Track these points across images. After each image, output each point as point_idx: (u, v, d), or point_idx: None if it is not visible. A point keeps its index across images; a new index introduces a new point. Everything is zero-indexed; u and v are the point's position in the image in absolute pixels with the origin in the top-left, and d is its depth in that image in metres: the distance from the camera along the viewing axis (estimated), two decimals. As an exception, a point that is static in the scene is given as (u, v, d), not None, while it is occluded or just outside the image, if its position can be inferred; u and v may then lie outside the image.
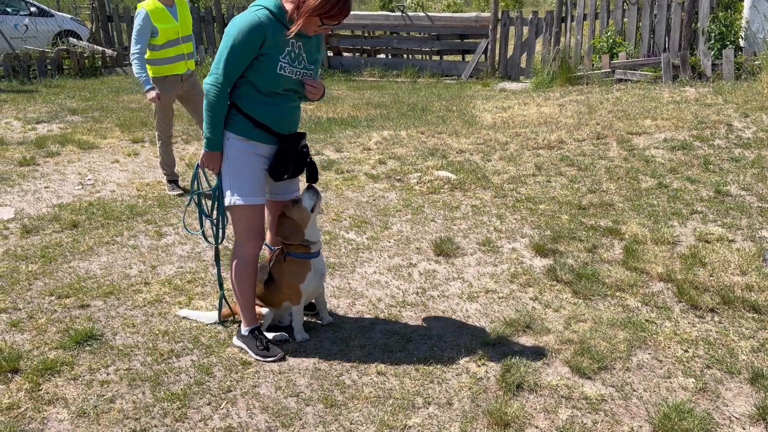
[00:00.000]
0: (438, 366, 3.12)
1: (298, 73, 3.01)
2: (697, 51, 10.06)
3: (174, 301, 3.81)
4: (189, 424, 2.74)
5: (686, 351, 3.22)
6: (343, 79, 12.83)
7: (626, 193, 5.64)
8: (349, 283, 4.05)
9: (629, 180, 5.99)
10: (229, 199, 3.05)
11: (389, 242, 4.74)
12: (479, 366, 3.11)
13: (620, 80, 10.58)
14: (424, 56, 13.93)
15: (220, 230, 3.30)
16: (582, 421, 2.69)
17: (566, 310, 3.65)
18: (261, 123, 2.99)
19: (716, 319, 3.54)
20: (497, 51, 12.72)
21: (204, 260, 4.41)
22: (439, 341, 3.35)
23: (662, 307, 3.67)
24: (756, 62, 9.39)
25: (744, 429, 2.65)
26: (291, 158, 3.10)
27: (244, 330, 3.23)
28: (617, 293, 3.84)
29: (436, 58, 13.80)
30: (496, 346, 3.29)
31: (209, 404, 2.86)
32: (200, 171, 3.28)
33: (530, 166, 6.54)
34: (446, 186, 6.02)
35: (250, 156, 3.03)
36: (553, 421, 2.69)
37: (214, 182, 3.27)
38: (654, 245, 4.51)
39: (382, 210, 5.42)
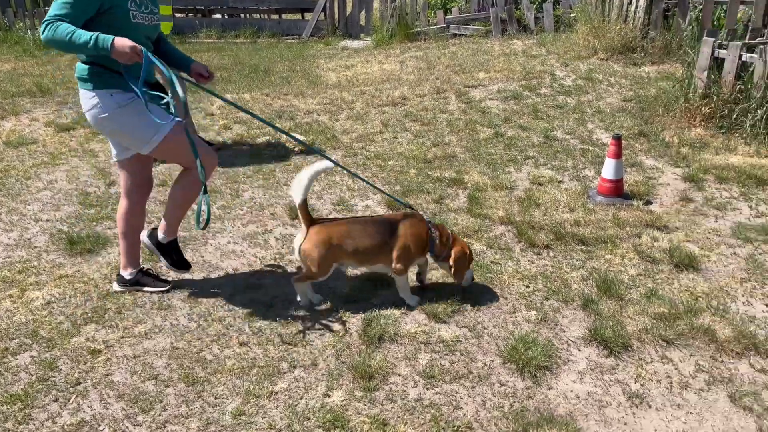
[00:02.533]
0: (301, 329, 3.12)
1: (148, 18, 2.97)
2: (522, 5, 10.68)
3: (4, 295, 3.45)
4: (34, 425, 2.52)
5: (527, 286, 3.49)
6: (178, 41, 12.10)
7: (467, 144, 5.93)
8: (203, 256, 3.91)
9: (469, 131, 6.30)
10: (155, 139, 3.00)
11: (242, 210, 4.62)
12: (341, 324, 3.16)
13: (455, 35, 10.99)
14: (262, 15, 13.51)
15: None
16: (440, 363, 2.85)
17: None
18: (126, 70, 2.88)
19: (551, 254, 3.87)
20: (336, 9, 12.63)
21: (35, 246, 4.02)
22: (300, 305, 3.35)
23: (504, 248, 3.94)
24: (572, 15, 10.18)
25: (580, 350, 2.95)
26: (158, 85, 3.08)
27: (129, 275, 3.41)
28: (465, 239, 4.06)
29: (275, 17, 13.44)
30: (357, 302, 3.35)
31: (56, 401, 2.65)
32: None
33: (377, 124, 6.65)
34: (296, 148, 5.96)
35: (136, 101, 2.92)
36: (414, 367, 2.82)
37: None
38: (494, 191, 4.81)
39: (231, 177, 5.25)
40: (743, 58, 5.82)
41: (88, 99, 2.96)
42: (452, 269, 3.30)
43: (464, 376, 2.76)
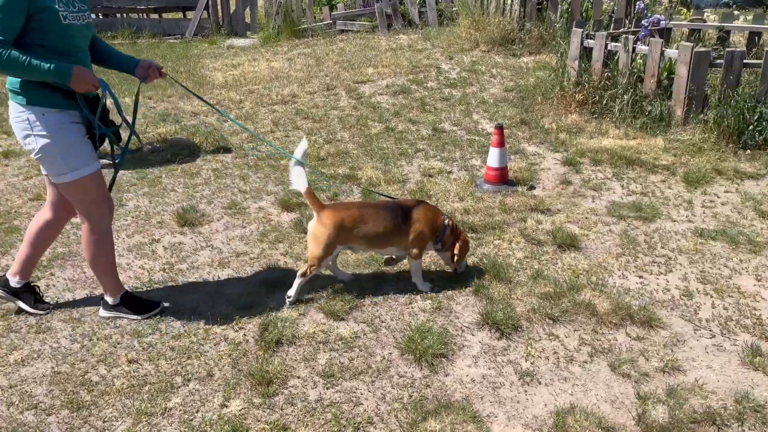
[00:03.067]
0: (195, 340, 3.02)
1: (79, 17, 2.81)
2: (405, 0, 10.85)
3: None
4: None
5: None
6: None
7: (359, 140, 5.96)
8: (85, 272, 3.68)
9: (360, 127, 6.33)
10: (68, 176, 2.84)
11: (126, 220, 4.40)
12: (237, 331, 3.09)
13: (342, 31, 11.01)
14: (140, 15, 12.90)
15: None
16: (340, 361, 2.85)
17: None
18: (67, 89, 2.76)
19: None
20: (219, 7, 12.29)
21: None
22: (193, 314, 3.24)
23: (399, 241, 4.00)
24: (454, 8, 10.47)
25: (473, 335, 3.05)
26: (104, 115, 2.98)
27: (114, 300, 3.18)
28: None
29: (154, 16, 12.88)
30: (252, 307, 3.29)
31: None
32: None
33: (267, 123, 6.54)
34: (184, 151, 5.75)
35: (71, 125, 2.82)
36: (313, 368, 2.80)
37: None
38: (387, 185, 4.86)
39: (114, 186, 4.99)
40: (609, 48, 6.22)
41: (18, 112, 2.79)
42: (456, 257, 3.44)
43: (364, 371, 2.78)
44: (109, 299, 3.19)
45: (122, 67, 3.12)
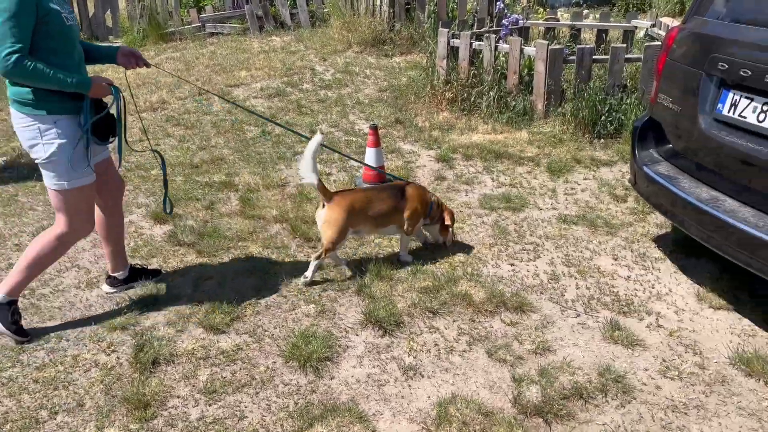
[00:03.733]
0: (62, 369, 2.82)
1: (72, 18, 2.88)
2: (276, 2, 10.73)
3: None
4: None
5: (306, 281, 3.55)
6: None
7: (235, 145, 5.82)
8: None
9: (235, 132, 6.19)
10: (70, 183, 2.88)
11: (-23, 245, 4.02)
12: (109, 354, 2.92)
13: (212, 34, 10.69)
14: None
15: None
16: (222, 375, 2.78)
17: (194, 272, 3.65)
18: (73, 92, 2.80)
19: (325, 246, 3.98)
20: (77, 10, 11.52)
21: None
22: (59, 341, 3.02)
23: (281, 246, 3.96)
24: (325, 10, 10.49)
25: (357, 335, 3.08)
26: (110, 115, 3.00)
27: (3, 297, 2.99)
28: (240, 243, 3.99)
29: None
30: (125, 328, 3.12)
31: None
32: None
33: (135, 132, 6.22)
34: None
35: (74, 131, 2.86)
36: (194, 385, 2.71)
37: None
38: (266, 191, 4.79)
39: None
40: (473, 46, 6.50)
41: (27, 122, 2.80)
42: (447, 229, 3.82)
43: (247, 383, 2.72)
44: (1, 295, 3.00)
45: (105, 59, 3.18)
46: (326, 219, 3.42)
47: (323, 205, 3.46)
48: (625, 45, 6.10)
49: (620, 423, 2.50)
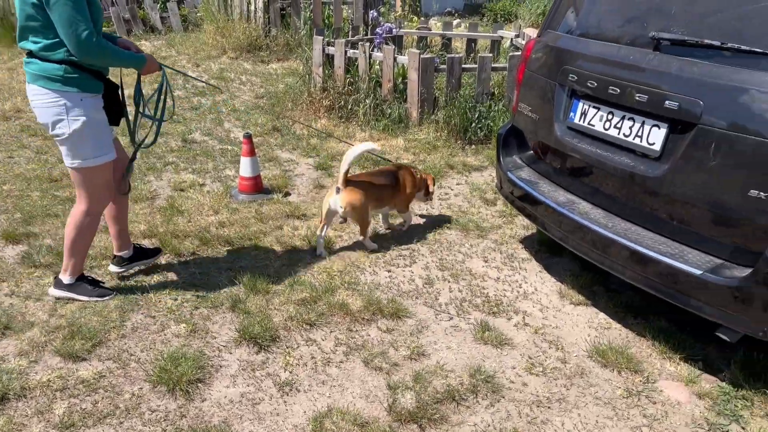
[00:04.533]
0: None
1: None
2: (145, 4, 10.25)
3: None
4: None
5: (175, 300, 3.39)
6: None
7: (99, 157, 5.48)
8: None
9: (100, 142, 5.83)
10: (92, 161, 3.01)
11: None
12: (-52, 394, 2.63)
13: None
14: None
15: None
16: (81, 407, 2.58)
17: (49, 301, 3.38)
18: (97, 71, 2.95)
19: (198, 261, 3.83)
20: None
21: None
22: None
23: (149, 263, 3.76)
24: (198, 14, 10.16)
25: (231, 353, 2.98)
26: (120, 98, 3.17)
27: (69, 280, 3.26)
28: (104, 262, 3.74)
29: None
30: (-31, 362, 2.83)
31: None
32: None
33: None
34: None
35: (98, 110, 2.99)
36: (49, 420, 2.50)
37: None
38: (134, 204, 4.54)
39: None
40: (349, 54, 6.55)
41: (51, 98, 2.87)
42: (429, 195, 4.35)
43: (110, 413, 2.55)
44: (66, 278, 3.26)
45: None
46: (350, 204, 3.79)
47: (338, 190, 3.80)
48: (492, 54, 6.39)
49: (490, 422, 2.60)
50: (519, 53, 6.25)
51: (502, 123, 5.93)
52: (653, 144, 2.87)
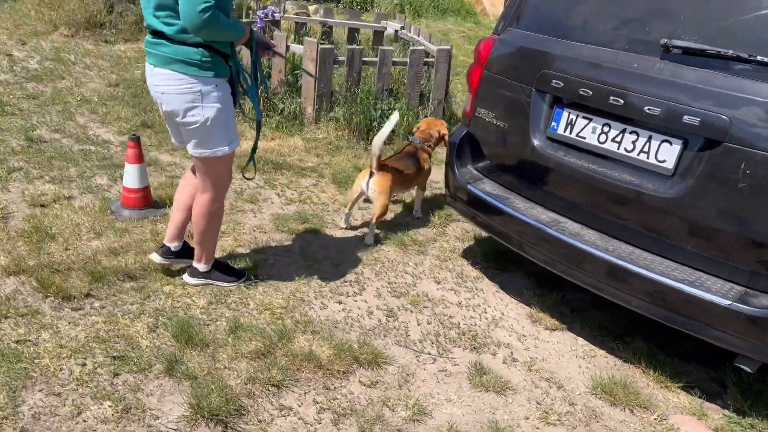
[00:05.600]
0: None
1: None
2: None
3: None
4: None
5: (84, 364, 2.54)
6: None
7: None
8: None
9: None
10: (222, 150, 2.83)
11: None
12: None
13: None
14: None
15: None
16: None
17: None
18: (226, 54, 2.72)
19: (97, 305, 2.95)
20: None
21: None
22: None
23: (31, 312, 2.82)
24: (15, -20, 8.48)
25: (187, 438, 2.26)
26: None
27: (205, 267, 3.17)
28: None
29: None
30: None
31: None
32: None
33: None
34: None
35: (229, 95, 2.80)
36: None
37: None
38: (-20, 227, 3.46)
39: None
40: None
41: (186, 83, 2.66)
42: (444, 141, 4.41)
43: None
44: (202, 266, 3.16)
45: None
46: (379, 187, 3.81)
47: (371, 174, 3.82)
48: (392, 48, 5.96)
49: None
50: (420, 48, 5.90)
51: (407, 124, 5.56)
52: (664, 161, 2.65)
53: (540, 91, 3.08)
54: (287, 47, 5.51)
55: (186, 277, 3.22)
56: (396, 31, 7.01)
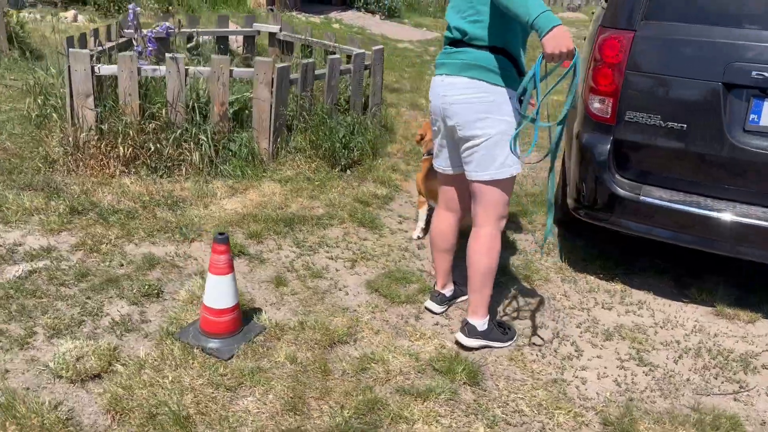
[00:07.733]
0: None
1: None
2: None
3: None
4: None
5: None
6: None
7: None
8: None
9: None
10: (508, 171, 2.53)
11: None
12: None
13: None
14: None
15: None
16: None
17: None
18: (518, 62, 2.48)
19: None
20: None
21: None
22: None
23: None
24: None
25: None
26: None
27: (483, 324, 2.72)
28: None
29: None
30: None
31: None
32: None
33: None
34: None
35: (516, 110, 2.49)
36: None
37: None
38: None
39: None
40: (143, 73, 4.28)
41: (481, 92, 2.45)
42: None
43: None
44: (479, 323, 2.73)
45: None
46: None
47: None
48: (338, 56, 5.04)
49: None
50: (336, 56, 5.01)
51: (372, 135, 4.90)
52: None
53: (731, 84, 2.92)
54: (231, 72, 4.31)
55: (460, 337, 2.74)
56: (273, 34, 6.03)
